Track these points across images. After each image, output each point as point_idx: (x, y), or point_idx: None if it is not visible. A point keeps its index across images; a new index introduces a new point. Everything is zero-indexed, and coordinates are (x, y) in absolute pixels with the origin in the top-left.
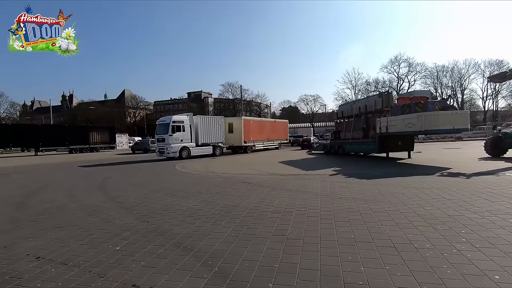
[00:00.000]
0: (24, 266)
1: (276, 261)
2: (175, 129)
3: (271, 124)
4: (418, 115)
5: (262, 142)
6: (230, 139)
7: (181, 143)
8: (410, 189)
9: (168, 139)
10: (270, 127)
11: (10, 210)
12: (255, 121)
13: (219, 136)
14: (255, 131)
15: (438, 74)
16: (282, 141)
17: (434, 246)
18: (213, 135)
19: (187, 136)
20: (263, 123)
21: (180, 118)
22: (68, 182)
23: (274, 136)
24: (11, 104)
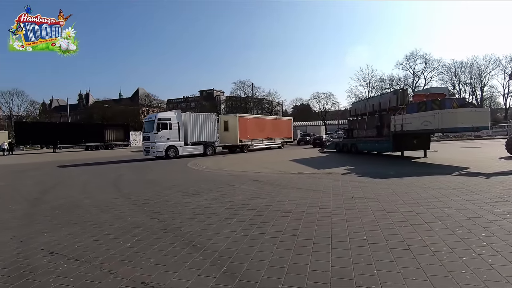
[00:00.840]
0: (38, 260)
1: (286, 262)
2: (161, 126)
3: (273, 122)
4: (435, 112)
5: (262, 140)
6: (225, 138)
7: (167, 141)
8: (426, 189)
9: (153, 137)
10: (272, 125)
11: (27, 205)
12: (253, 118)
13: (211, 135)
14: (253, 129)
15: (456, 71)
16: (286, 140)
17: (452, 250)
18: (204, 133)
19: (175, 134)
20: (263, 121)
21: (166, 115)
22: (83, 179)
23: (276, 134)
24: (31, 102)
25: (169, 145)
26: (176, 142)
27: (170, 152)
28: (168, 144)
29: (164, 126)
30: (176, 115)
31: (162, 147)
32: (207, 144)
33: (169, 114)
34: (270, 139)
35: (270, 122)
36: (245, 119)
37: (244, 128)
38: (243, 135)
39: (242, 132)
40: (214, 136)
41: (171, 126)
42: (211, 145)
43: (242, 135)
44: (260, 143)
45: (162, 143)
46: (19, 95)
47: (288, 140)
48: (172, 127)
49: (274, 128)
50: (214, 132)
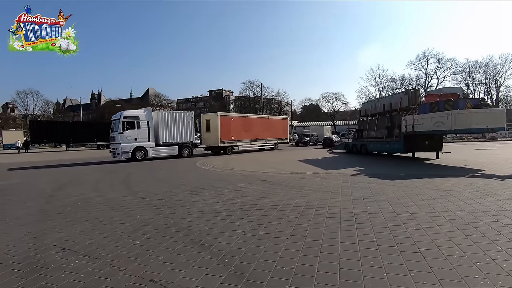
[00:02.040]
0: (50, 256)
1: (294, 263)
2: (128, 126)
3: (264, 122)
4: (448, 113)
5: (249, 142)
6: (208, 139)
7: (134, 142)
8: (438, 192)
9: (118, 137)
10: (262, 125)
11: (41, 202)
12: (238, 117)
13: (188, 135)
14: (238, 129)
15: (471, 70)
16: (280, 141)
17: (465, 254)
18: (179, 133)
19: (143, 135)
20: (250, 120)
21: (134, 114)
22: (95, 177)
23: (268, 135)
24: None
25: (137, 146)
26: (145, 142)
27: (138, 153)
28: (136, 145)
29: (131, 125)
30: (146, 114)
31: (129, 148)
32: (182, 145)
33: (137, 112)
34: (260, 140)
35: (260, 122)
36: (228, 119)
37: (227, 128)
38: (225, 136)
39: (224, 133)
40: (190, 136)
41: (140, 125)
42: (188, 146)
43: (224, 135)
44: (248, 145)
45: (128, 144)
46: (34, 95)
47: (283, 141)
48: (140, 127)
49: (265, 128)
50: (190, 132)
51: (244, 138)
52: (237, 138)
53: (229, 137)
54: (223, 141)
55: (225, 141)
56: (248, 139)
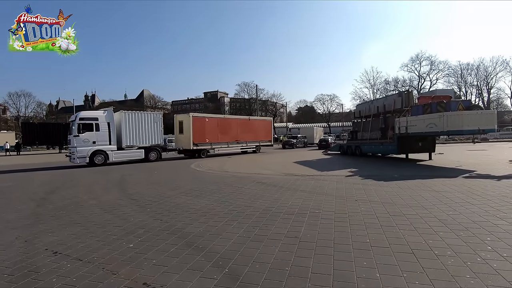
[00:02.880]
0: (42, 260)
1: (288, 264)
2: (84, 128)
3: (244, 123)
4: (440, 115)
5: (227, 144)
6: (181, 141)
7: (92, 146)
8: (430, 192)
9: (73, 140)
10: (242, 127)
11: (33, 205)
12: (214, 119)
13: (156, 137)
14: (214, 131)
15: (463, 73)
16: (263, 143)
17: (456, 254)
18: (145, 135)
19: (103, 137)
20: (228, 121)
21: (92, 114)
22: (89, 179)
23: (249, 137)
24: (38, 104)
25: (96, 150)
26: (105, 146)
27: (97, 158)
28: (94, 149)
29: (88, 127)
30: (106, 115)
31: (86, 152)
32: (149, 148)
33: (96, 113)
34: (240, 143)
35: (240, 123)
36: (202, 120)
37: (201, 130)
38: (199, 138)
39: (197, 135)
40: (158, 139)
41: (99, 127)
42: (156, 149)
43: (197, 137)
44: (225, 147)
45: (85, 148)
46: (27, 96)
47: (266, 143)
48: (100, 129)
49: (245, 130)
50: (158, 134)
51: (220, 141)
52: (212, 140)
53: (203, 139)
54: (196, 143)
55: (198, 143)
56: (225, 142)
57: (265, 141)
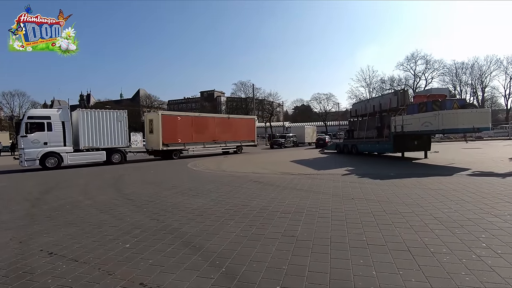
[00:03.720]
0: (37, 261)
1: (285, 263)
2: (34, 127)
3: (223, 122)
4: (435, 113)
5: (203, 144)
6: (151, 141)
7: (43, 147)
8: (426, 190)
9: (20, 141)
10: (221, 126)
11: (28, 206)
12: (187, 117)
13: (119, 137)
14: (188, 131)
15: (457, 72)
16: (245, 143)
17: (451, 251)
18: (107, 136)
19: (56, 138)
20: (205, 120)
21: (43, 113)
22: (84, 179)
23: (229, 136)
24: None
25: (48, 152)
26: (59, 147)
27: (50, 161)
28: (46, 151)
29: (39, 126)
30: (60, 113)
31: (35, 154)
32: (112, 150)
33: (49, 112)
34: (218, 143)
35: (217, 122)
36: (174, 118)
37: (172, 129)
38: (169, 138)
39: (168, 134)
40: (122, 140)
41: (51, 126)
42: (119, 151)
43: (168, 137)
44: (201, 148)
45: (34, 149)
46: (21, 96)
47: (249, 143)
48: (52, 128)
49: (224, 129)
50: (123, 135)
51: (195, 141)
52: (186, 140)
53: (175, 139)
54: (167, 144)
55: (169, 144)
56: (201, 142)
57: (247, 141)
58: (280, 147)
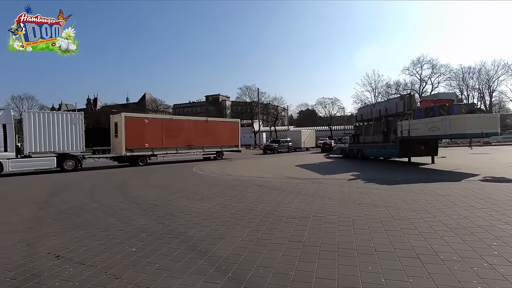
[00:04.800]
0: (44, 264)
1: (292, 269)
2: None
3: (200, 125)
4: (443, 118)
5: (176, 149)
6: (116, 146)
7: None
8: (434, 196)
9: None
10: (198, 129)
11: (35, 208)
12: (156, 119)
13: (73, 142)
14: (157, 135)
15: (464, 76)
16: (227, 148)
17: (462, 259)
18: (59, 140)
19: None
20: (176, 123)
21: None
22: (90, 183)
23: (208, 141)
24: (40, 107)
25: None
26: None
27: None
28: None
29: None
30: (1, 114)
31: None
32: (64, 156)
33: None
34: (194, 148)
35: (194, 125)
36: (140, 121)
37: (138, 133)
38: (134, 143)
39: (132, 138)
40: (77, 144)
41: None
42: (73, 156)
43: (132, 142)
44: (173, 153)
45: None
46: (30, 100)
47: (232, 149)
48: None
49: (202, 133)
50: (77, 139)
51: (166, 146)
52: (154, 145)
53: (141, 144)
54: (131, 149)
55: (134, 149)
56: (173, 147)
57: (230, 146)
58: (273, 152)
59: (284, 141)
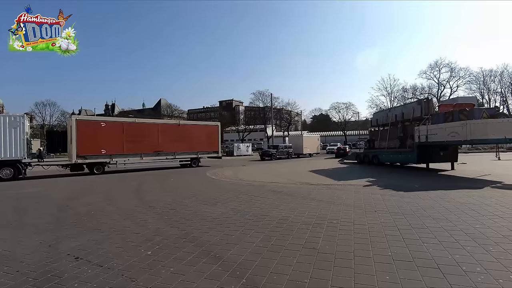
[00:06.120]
0: (64, 265)
1: (306, 276)
2: None
3: (170, 129)
4: (463, 123)
5: (141, 156)
6: (70, 153)
7: None
8: (455, 204)
9: None
10: (167, 134)
11: (55, 211)
12: (116, 123)
13: (13, 148)
14: (116, 140)
15: (485, 79)
16: (204, 154)
17: (486, 271)
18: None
19: None
20: (141, 127)
21: None
22: (107, 186)
23: (180, 147)
24: (61, 112)
25: None
26: None
27: None
28: None
29: None
30: None
31: None
32: (2, 163)
33: None
34: (162, 154)
35: (163, 130)
36: (95, 124)
37: (93, 138)
38: (88, 148)
39: (85, 144)
40: (18, 151)
41: None
42: (13, 164)
43: (85, 148)
44: (137, 160)
45: None
46: (52, 106)
47: (212, 155)
48: None
49: (173, 138)
50: (19, 144)
51: (128, 152)
52: (113, 151)
53: (97, 150)
54: (84, 155)
55: (87, 155)
56: (137, 153)
57: (208, 152)
58: (271, 158)
59: (283, 147)
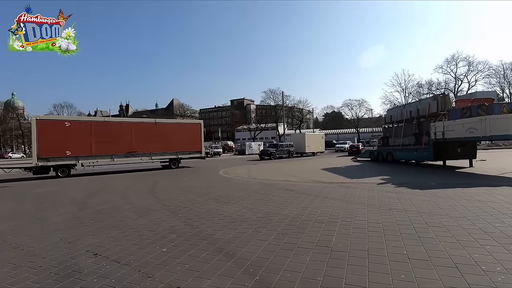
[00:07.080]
0: (84, 261)
1: (320, 274)
2: None
3: (145, 128)
4: (482, 118)
5: (111, 157)
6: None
7: None
8: (473, 202)
9: None
10: (141, 133)
11: (74, 209)
12: (83, 122)
13: None
14: (84, 140)
15: (506, 73)
16: (186, 155)
17: (507, 270)
18: None
19: None
20: (112, 126)
21: None
22: (123, 185)
23: (156, 147)
24: (78, 114)
25: None
26: None
27: None
28: None
29: None
30: None
31: None
32: None
33: None
34: (137, 155)
35: (137, 129)
36: (59, 124)
37: (56, 139)
38: (51, 150)
39: (47, 145)
40: None
41: None
42: None
43: (47, 149)
44: (107, 161)
45: None
46: (69, 107)
47: (194, 155)
48: None
49: (149, 138)
50: None
51: (97, 153)
52: (80, 152)
53: (61, 151)
54: (46, 157)
55: (50, 157)
56: (108, 154)
57: (190, 152)
58: (270, 158)
59: (284, 145)
